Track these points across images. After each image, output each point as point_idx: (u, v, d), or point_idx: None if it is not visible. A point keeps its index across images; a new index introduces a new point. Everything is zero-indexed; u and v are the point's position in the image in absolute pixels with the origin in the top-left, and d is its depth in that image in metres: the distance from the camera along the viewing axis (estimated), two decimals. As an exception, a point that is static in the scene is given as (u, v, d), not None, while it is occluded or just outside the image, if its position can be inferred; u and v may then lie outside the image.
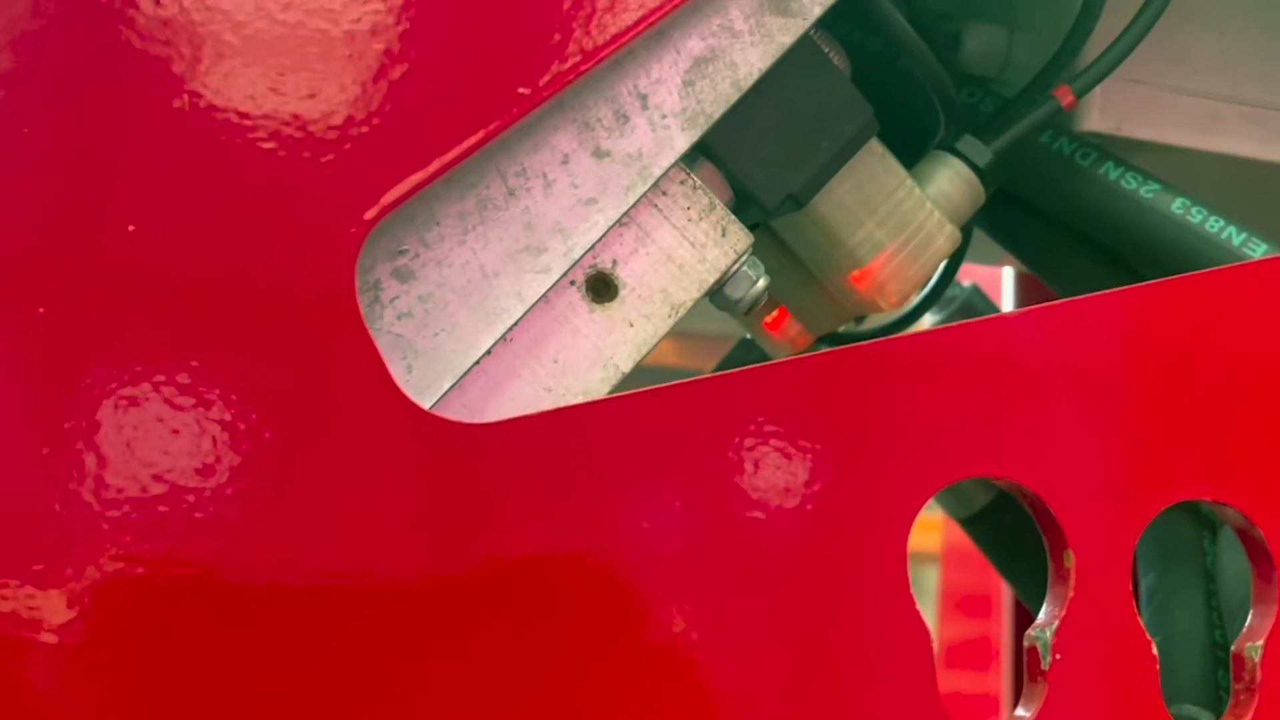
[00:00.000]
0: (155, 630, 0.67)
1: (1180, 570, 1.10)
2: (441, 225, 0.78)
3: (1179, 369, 0.82)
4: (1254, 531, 0.82)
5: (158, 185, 0.68)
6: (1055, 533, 0.79)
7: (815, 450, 0.76)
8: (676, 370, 1.03)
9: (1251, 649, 0.82)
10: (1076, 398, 0.80)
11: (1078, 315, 0.82)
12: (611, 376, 0.83)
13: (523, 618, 0.73)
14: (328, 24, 0.71)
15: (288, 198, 0.70)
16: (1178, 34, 1.09)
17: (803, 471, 0.76)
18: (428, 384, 0.78)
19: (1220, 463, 0.82)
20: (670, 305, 0.84)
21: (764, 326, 1.10)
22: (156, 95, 0.68)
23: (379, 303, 0.77)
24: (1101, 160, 1.04)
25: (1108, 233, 1.04)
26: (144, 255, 0.67)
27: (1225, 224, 1.00)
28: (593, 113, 0.80)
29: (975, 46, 1.09)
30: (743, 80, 0.83)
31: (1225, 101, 1.10)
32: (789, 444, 0.76)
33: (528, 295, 0.80)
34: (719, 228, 0.85)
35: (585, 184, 0.80)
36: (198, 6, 0.69)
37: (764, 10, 0.83)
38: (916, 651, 0.76)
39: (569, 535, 0.73)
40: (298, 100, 0.70)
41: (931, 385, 0.78)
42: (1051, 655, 0.78)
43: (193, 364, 0.68)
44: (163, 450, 0.67)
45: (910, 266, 0.94)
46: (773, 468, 0.76)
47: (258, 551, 0.69)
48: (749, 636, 0.75)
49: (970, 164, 0.97)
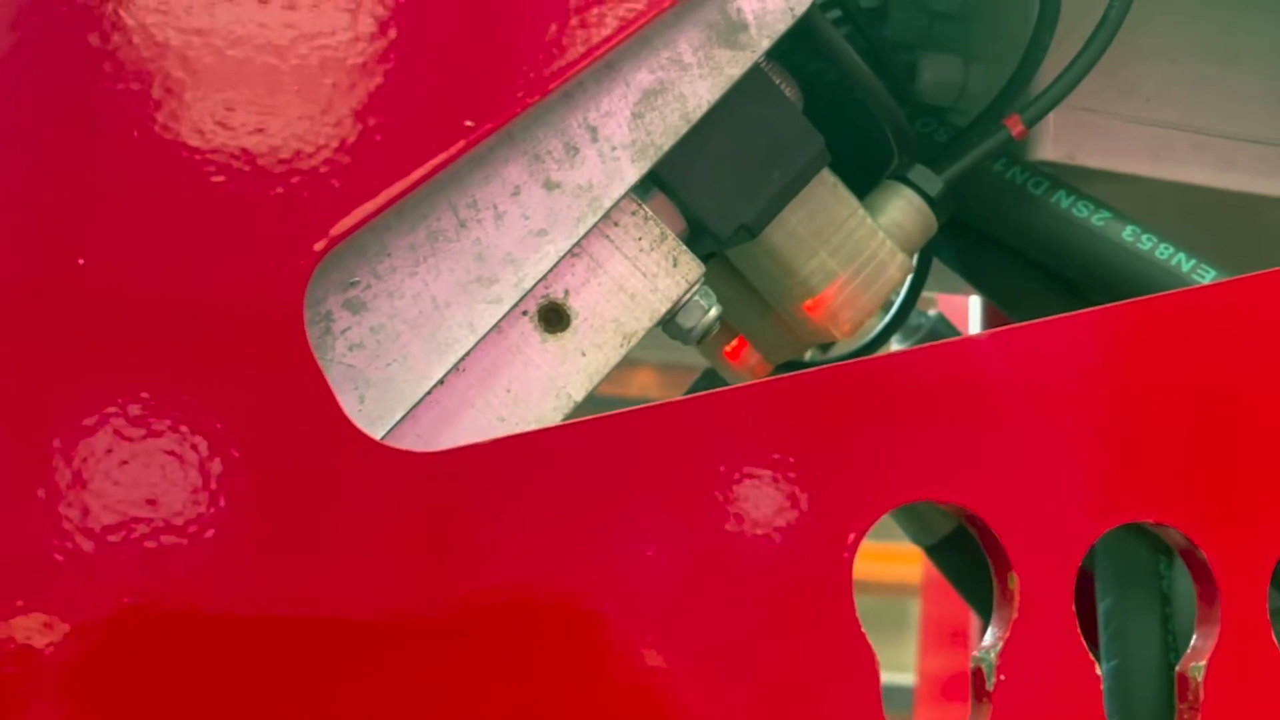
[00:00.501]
0: (98, 662, 0.68)
1: (1137, 594, 1.11)
2: (393, 257, 0.79)
3: (1122, 393, 0.83)
4: (1197, 553, 0.83)
5: (106, 220, 0.69)
6: (999, 555, 0.80)
7: (760, 477, 0.77)
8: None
9: (1195, 669, 0.83)
10: (1019, 421, 0.81)
11: (1022, 341, 0.83)
12: (564, 405, 0.84)
13: (481, 643, 0.73)
14: (276, 59, 0.72)
15: (236, 230, 0.71)
16: (1130, 64, 1.11)
17: (748, 496, 0.77)
18: (380, 414, 0.79)
19: (1163, 485, 0.83)
20: (622, 335, 0.85)
21: (724, 355, 1.11)
22: (105, 130, 0.69)
23: (330, 334, 0.78)
24: (1053, 189, 1.05)
25: (1060, 260, 1.06)
26: (92, 289, 0.68)
27: (1175, 250, 1.02)
28: (543, 145, 0.82)
29: (931, 76, 1.11)
30: (692, 112, 0.84)
31: (1177, 130, 1.11)
32: (735, 470, 0.77)
33: (479, 325, 0.81)
34: (670, 258, 0.86)
35: (536, 215, 0.82)
36: (146, 42, 0.70)
37: (712, 43, 0.84)
38: (863, 677, 0.77)
39: (522, 560, 0.74)
40: (246, 134, 0.71)
41: (874, 410, 0.79)
42: (996, 676, 0.79)
43: (143, 396, 0.69)
44: (113, 482, 0.68)
45: (863, 295, 0.95)
46: (718, 493, 0.76)
47: (208, 583, 0.69)
48: (694, 657, 0.76)
49: (922, 193, 0.99)
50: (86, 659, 0.68)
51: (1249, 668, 0.83)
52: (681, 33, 0.83)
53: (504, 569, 0.74)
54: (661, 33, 0.82)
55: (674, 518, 0.76)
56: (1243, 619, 0.83)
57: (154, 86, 0.70)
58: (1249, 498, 0.84)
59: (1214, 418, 0.85)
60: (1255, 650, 0.83)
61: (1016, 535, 0.80)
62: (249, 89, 0.71)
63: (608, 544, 0.75)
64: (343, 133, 0.73)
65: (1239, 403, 0.85)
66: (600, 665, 0.75)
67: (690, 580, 0.76)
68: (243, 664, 0.70)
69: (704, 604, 0.76)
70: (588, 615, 0.75)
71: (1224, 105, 1.13)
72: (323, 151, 0.72)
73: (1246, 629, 0.83)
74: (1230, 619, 0.83)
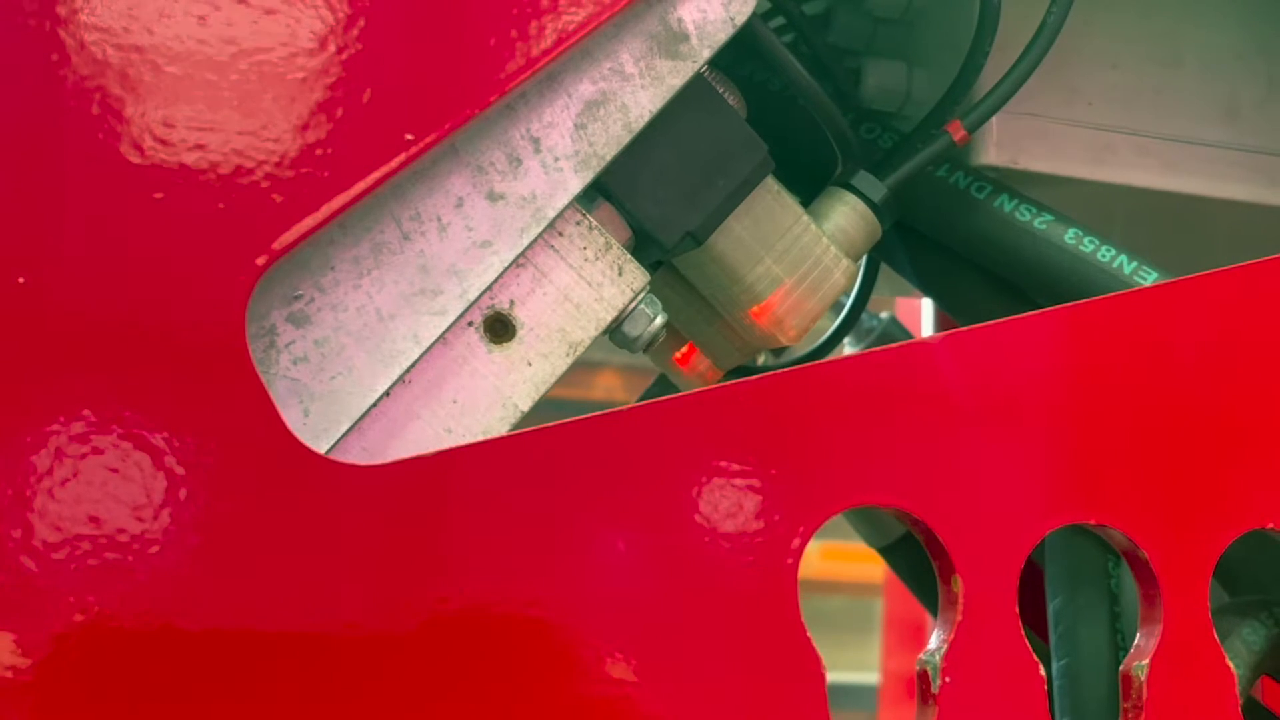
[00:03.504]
0: (44, 680, 0.68)
1: (1085, 593, 1.12)
2: (336, 270, 0.79)
3: (1064, 395, 0.84)
4: (1139, 553, 0.84)
5: (46, 235, 0.69)
6: (943, 558, 0.80)
7: (707, 482, 0.77)
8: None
9: (1138, 668, 0.84)
10: (960, 425, 0.82)
11: (964, 345, 0.83)
12: (511, 415, 0.84)
13: (430, 655, 0.74)
14: (215, 75, 0.72)
15: (177, 245, 0.71)
16: (1073, 68, 1.12)
17: (696, 501, 0.77)
18: (325, 428, 0.79)
19: (1105, 486, 0.84)
20: (568, 344, 0.85)
21: (674, 362, 1.11)
22: (45, 147, 0.69)
23: (274, 348, 0.78)
24: (996, 193, 1.06)
25: (1004, 264, 1.06)
26: (33, 305, 0.68)
27: (1117, 253, 1.02)
28: (486, 156, 0.82)
29: (875, 82, 1.12)
30: (634, 122, 0.85)
31: (1119, 133, 1.12)
32: (682, 475, 0.77)
33: (424, 337, 0.81)
34: (615, 267, 0.86)
35: (480, 227, 0.82)
36: (83, 59, 0.70)
37: (654, 54, 0.85)
38: (808, 681, 0.78)
39: (470, 571, 0.74)
40: (186, 149, 0.71)
41: (815, 415, 0.80)
42: (941, 679, 0.80)
43: (84, 413, 0.69)
44: (55, 499, 0.68)
45: (808, 301, 0.96)
46: (666, 498, 0.77)
47: (152, 599, 0.69)
48: (643, 660, 0.76)
49: (866, 199, 0.99)
50: (34, 677, 0.68)
51: (1192, 666, 0.84)
52: (623, 44, 0.84)
53: (453, 580, 0.74)
54: (602, 44, 0.83)
55: (623, 524, 0.76)
56: (1185, 618, 0.84)
57: (93, 103, 0.70)
58: (1189, 498, 0.85)
59: (1155, 419, 0.86)
60: (1198, 649, 0.84)
61: (959, 538, 0.80)
62: (188, 104, 0.71)
63: (556, 552, 0.75)
64: (283, 147, 0.73)
65: (1179, 404, 0.86)
66: (549, 672, 0.75)
67: (639, 585, 0.76)
68: (189, 680, 0.70)
69: (652, 609, 0.76)
70: (537, 623, 0.75)
71: (1166, 108, 1.14)
72: (263, 166, 0.73)
73: (1189, 628, 0.84)
74: (1172, 618, 0.84)
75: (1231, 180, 1.15)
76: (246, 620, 0.71)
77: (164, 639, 0.70)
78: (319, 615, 0.72)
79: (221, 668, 0.71)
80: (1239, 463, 0.87)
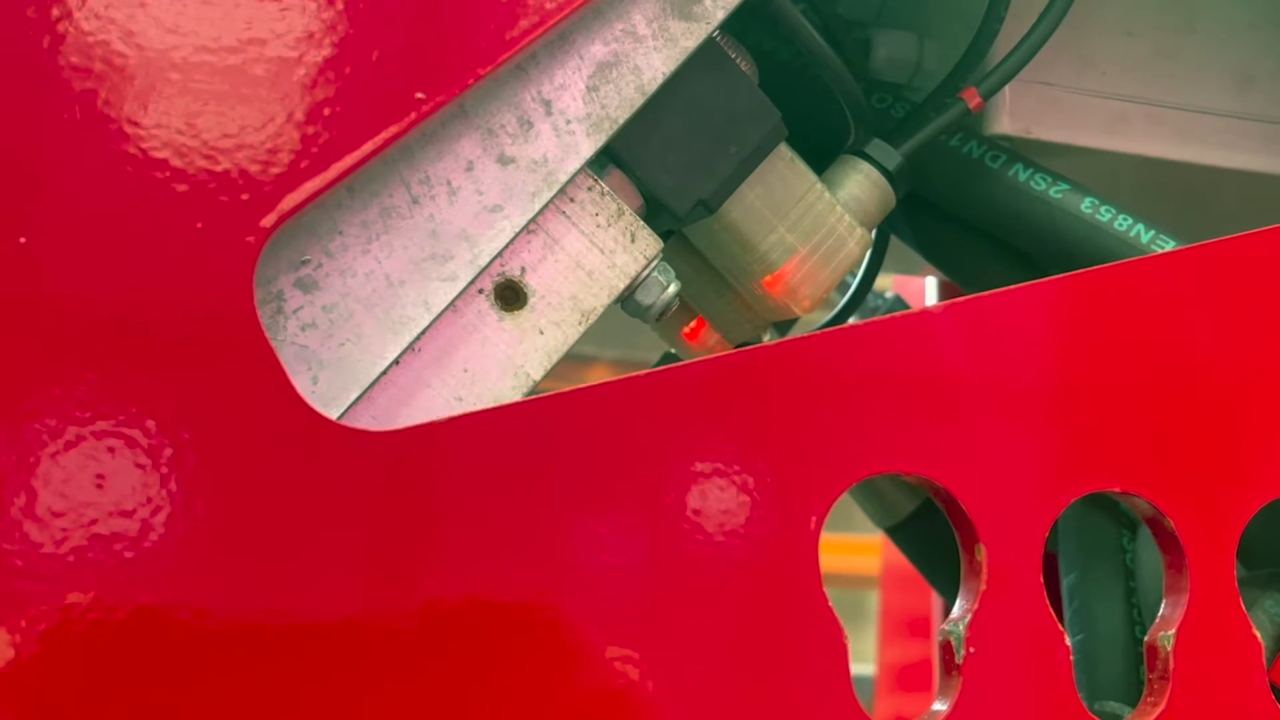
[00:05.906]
0: (49, 657, 0.66)
1: (1100, 568, 1.10)
2: (345, 235, 0.78)
3: (1086, 362, 0.83)
4: (1164, 521, 0.83)
5: (48, 198, 0.67)
6: (966, 527, 0.79)
7: (723, 451, 0.76)
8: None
9: (1164, 638, 0.82)
10: (985, 392, 0.80)
11: (986, 311, 0.82)
12: (523, 384, 0.82)
13: (440, 623, 0.72)
14: (221, 32, 0.70)
15: (184, 209, 0.69)
16: (1086, 37, 1.10)
17: (712, 472, 0.76)
18: (334, 395, 0.77)
19: (1129, 454, 0.82)
20: (580, 312, 0.84)
21: (683, 336, 1.10)
22: (48, 112, 0.68)
23: (282, 314, 0.76)
24: (1011, 162, 1.05)
25: (1018, 233, 1.05)
26: (34, 270, 0.67)
27: (1134, 221, 1.01)
28: (496, 119, 0.80)
29: (886, 53, 1.10)
30: (647, 85, 0.83)
31: (1133, 102, 1.11)
32: (696, 445, 0.76)
33: (435, 304, 0.79)
34: (628, 233, 0.84)
35: (490, 191, 0.80)
36: (88, 18, 0.68)
37: (667, 15, 0.83)
38: (832, 652, 0.76)
39: (480, 539, 0.73)
40: (192, 109, 0.70)
41: (838, 382, 0.78)
42: (965, 649, 0.78)
43: (90, 378, 0.67)
44: (60, 467, 0.66)
45: (822, 270, 0.94)
46: (680, 470, 0.75)
47: (161, 567, 0.68)
48: (659, 637, 0.74)
49: (880, 167, 0.98)
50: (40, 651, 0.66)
51: (1218, 635, 0.82)
52: (635, 4, 0.82)
53: (462, 547, 0.73)
54: (614, 4, 0.81)
55: (632, 494, 0.75)
56: (1211, 586, 0.83)
57: (95, 64, 0.68)
58: (1213, 465, 0.84)
59: (1177, 385, 0.84)
60: (1224, 618, 0.83)
61: (983, 507, 0.79)
62: (195, 65, 0.70)
63: (566, 523, 0.74)
64: (291, 107, 0.71)
65: (1201, 369, 0.85)
66: (560, 648, 0.74)
67: (654, 557, 0.75)
68: (200, 649, 0.68)
69: (662, 583, 0.75)
70: (546, 595, 0.74)
71: (1181, 78, 1.12)
72: (269, 126, 0.71)
73: (1214, 596, 0.83)
74: (1198, 587, 0.82)
75: (1244, 150, 1.14)
76: (257, 590, 0.69)
77: (171, 609, 0.68)
78: (331, 581, 0.70)
79: (234, 638, 0.69)
80: (1263, 430, 0.85)
